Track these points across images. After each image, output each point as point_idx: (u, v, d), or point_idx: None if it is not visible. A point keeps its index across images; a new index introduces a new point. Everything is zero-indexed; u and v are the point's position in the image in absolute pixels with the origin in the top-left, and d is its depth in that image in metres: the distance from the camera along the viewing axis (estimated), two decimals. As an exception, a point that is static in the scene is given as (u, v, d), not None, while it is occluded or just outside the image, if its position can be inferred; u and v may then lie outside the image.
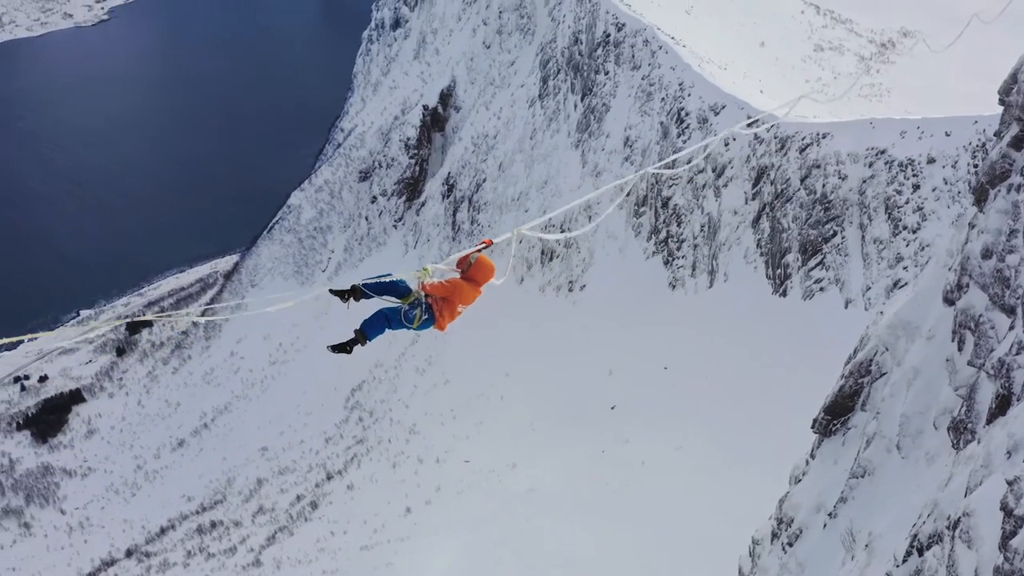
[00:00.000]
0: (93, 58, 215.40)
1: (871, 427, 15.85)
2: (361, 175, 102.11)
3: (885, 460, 15.13)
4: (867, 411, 16.90)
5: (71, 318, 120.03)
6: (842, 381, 17.79)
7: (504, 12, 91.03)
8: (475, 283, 12.41)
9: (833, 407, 17.90)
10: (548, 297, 65.99)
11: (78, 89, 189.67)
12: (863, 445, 15.92)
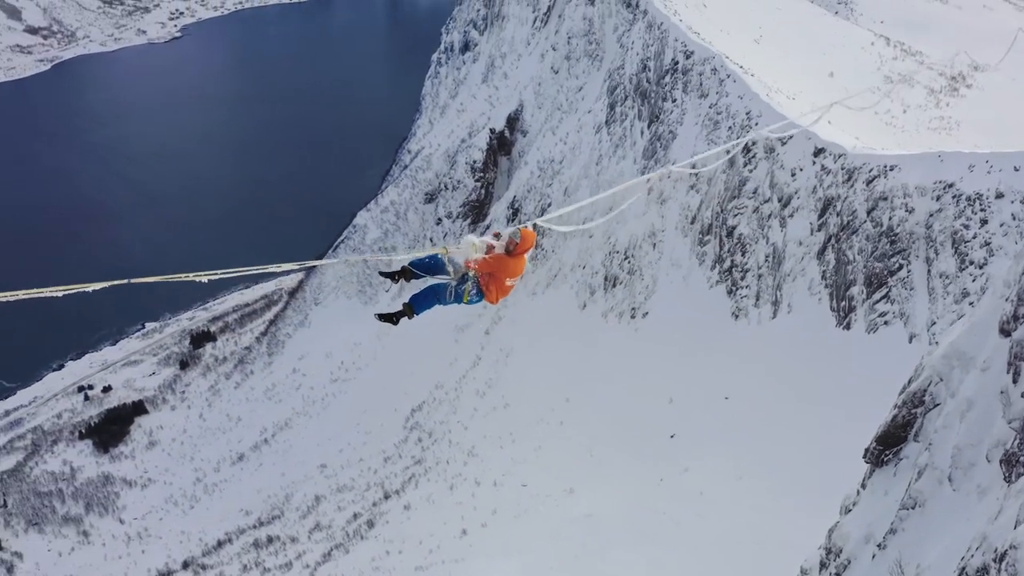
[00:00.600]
0: (165, 74, 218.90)
1: (923, 458, 15.69)
2: (427, 197, 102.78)
3: (936, 492, 14.97)
4: (919, 442, 16.73)
5: (136, 330, 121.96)
6: (895, 411, 17.63)
7: (573, 38, 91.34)
8: (519, 255, 12.60)
9: (885, 437, 17.73)
10: (610, 323, 65.84)
11: (150, 104, 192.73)
12: (914, 476, 15.76)
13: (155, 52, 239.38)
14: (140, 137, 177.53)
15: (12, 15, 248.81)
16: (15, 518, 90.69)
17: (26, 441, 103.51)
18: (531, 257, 48.35)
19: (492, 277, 12.71)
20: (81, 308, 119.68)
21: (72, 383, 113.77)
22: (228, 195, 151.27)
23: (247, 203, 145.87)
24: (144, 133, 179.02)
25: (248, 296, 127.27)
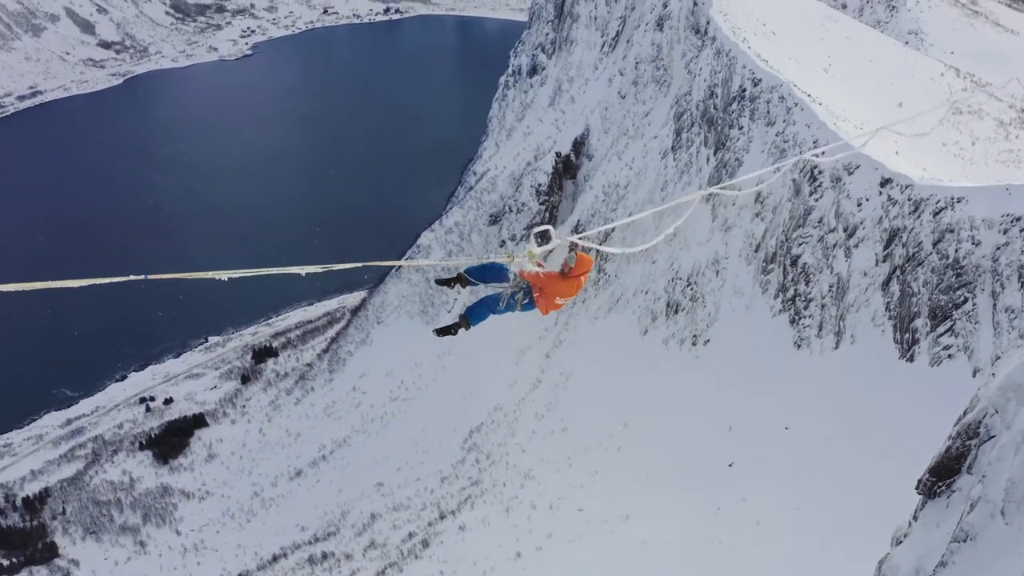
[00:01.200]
0: (235, 91, 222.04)
1: (976, 491, 15.48)
2: (491, 219, 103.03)
3: (988, 525, 14.76)
4: (973, 474, 16.50)
5: (199, 343, 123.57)
6: (949, 442, 17.41)
7: (641, 63, 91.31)
8: (574, 277, 12.70)
9: (938, 469, 17.51)
10: (671, 350, 65.57)
11: (220, 120, 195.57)
12: (967, 509, 15.55)
13: (226, 69, 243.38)
14: (209, 152, 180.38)
15: (86, 29, 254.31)
16: (73, 526, 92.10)
17: (87, 450, 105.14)
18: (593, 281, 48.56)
19: (543, 292, 12.84)
20: (146, 320, 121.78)
21: (134, 394, 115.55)
22: (293, 211, 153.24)
23: (311, 220, 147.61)
24: (213, 148, 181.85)
25: (311, 313, 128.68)
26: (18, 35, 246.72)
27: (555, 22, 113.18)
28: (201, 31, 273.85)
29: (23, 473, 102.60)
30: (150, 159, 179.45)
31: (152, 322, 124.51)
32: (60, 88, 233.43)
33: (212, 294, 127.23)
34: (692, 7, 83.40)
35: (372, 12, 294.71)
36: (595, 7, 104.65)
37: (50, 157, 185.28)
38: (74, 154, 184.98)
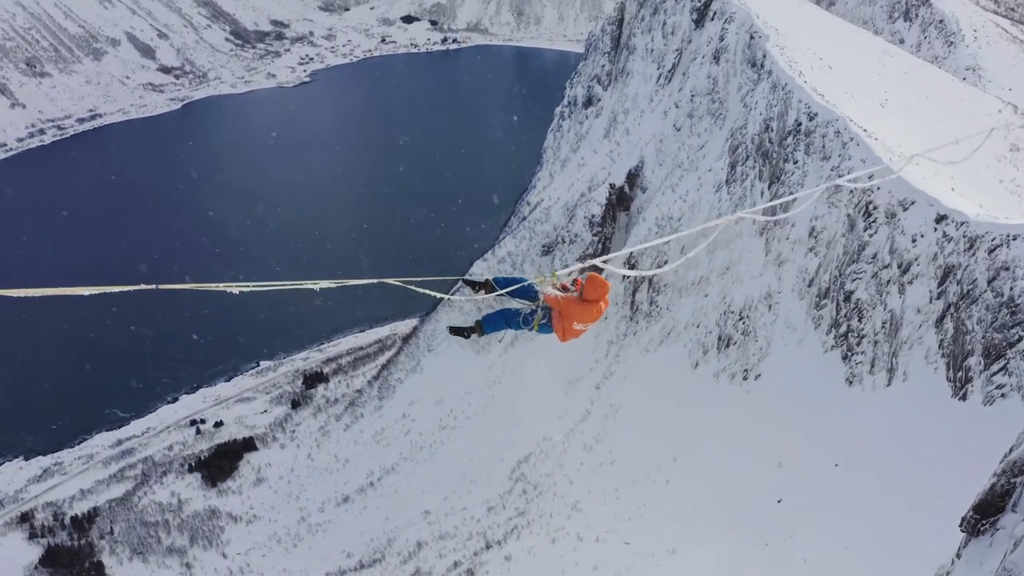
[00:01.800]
0: (293, 117, 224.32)
1: (1020, 529, 15.26)
2: (544, 249, 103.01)
3: (1031, 564, 14.55)
4: (1017, 512, 16.27)
5: (251, 367, 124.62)
6: (994, 479, 17.18)
7: (696, 96, 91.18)
8: (591, 302, 12.71)
9: (983, 506, 17.28)
10: (722, 384, 65.19)
11: (277, 145, 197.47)
12: (1010, 547, 15.32)
13: (284, 95, 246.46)
14: (265, 176, 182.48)
15: (147, 54, 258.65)
16: (120, 546, 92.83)
17: (136, 471, 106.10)
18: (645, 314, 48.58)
19: (561, 316, 12.90)
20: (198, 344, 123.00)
21: (185, 416, 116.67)
22: (347, 237, 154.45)
23: (365, 246, 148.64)
24: (269, 173, 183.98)
25: (362, 340, 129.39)
26: (79, 58, 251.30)
27: (611, 54, 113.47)
28: (260, 58, 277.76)
29: (72, 492, 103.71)
30: (206, 182, 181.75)
31: (205, 346, 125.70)
32: (119, 111, 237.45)
33: (265, 319, 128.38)
34: (749, 41, 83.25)
35: (430, 41, 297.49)
36: (652, 40, 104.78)
37: (107, 178, 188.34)
38: (131, 176, 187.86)
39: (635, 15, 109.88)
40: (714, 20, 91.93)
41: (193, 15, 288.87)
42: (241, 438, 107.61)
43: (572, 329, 13.14)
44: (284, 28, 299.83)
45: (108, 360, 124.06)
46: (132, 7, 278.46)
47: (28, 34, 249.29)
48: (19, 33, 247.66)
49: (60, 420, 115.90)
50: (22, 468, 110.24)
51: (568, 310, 12.81)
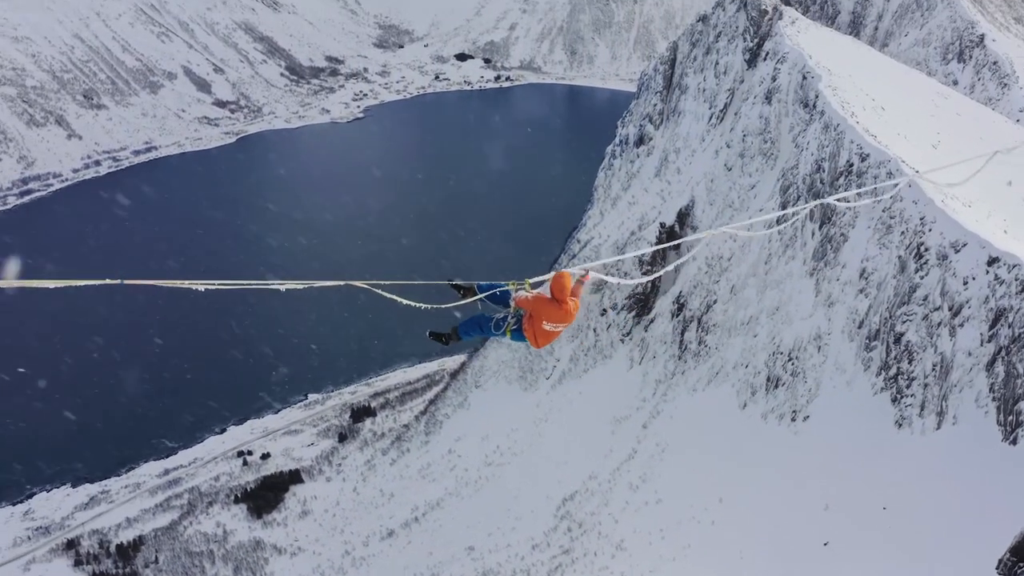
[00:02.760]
0: (346, 152, 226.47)
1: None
2: (593, 287, 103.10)
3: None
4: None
5: (299, 400, 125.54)
6: (1036, 526, 16.99)
7: (748, 136, 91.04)
8: (557, 300, 13.22)
9: (1019, 548, 17.08)
10: (770, 425, 64.70)
11: (329, 179, 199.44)
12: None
13: (337, 131, 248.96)
14: (317, 210, 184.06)
15: (202, 88, 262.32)
16: (165, 575, 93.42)
17: (182, 500, 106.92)
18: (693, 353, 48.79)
19: (531, 318, 13.35)
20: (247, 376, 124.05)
21: (232, 447, 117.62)
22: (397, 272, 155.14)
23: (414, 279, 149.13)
24: (322, 206, 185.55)
25: (411, 375, 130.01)
26: (136, 91, 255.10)
27: (663, 93, 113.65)
28: (314, 93, 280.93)
29: (118, 520, 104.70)
30: (259, 215, 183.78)
31: (254, 378, 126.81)
32: (174, 144, 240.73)
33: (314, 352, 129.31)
34: (801, 81, 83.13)
35: (483, 79, 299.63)
36: (704, 79, 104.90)
37: (162, 210, 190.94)
38: (185, 207, 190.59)
39: (687, 55, 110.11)
40: (767, 60, 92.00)
41: (249, 50, 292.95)
42: (287, 470, 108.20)
43: (543, 330, 13.63)
44: (339, 64, 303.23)
45: (158, 390, 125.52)
46: (189, 41, 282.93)
47: (86, 66, 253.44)
48: (77, 65, 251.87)
49: (108, 448, 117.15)
50: (69, 495, 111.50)
51: (538, 309, 13.33)
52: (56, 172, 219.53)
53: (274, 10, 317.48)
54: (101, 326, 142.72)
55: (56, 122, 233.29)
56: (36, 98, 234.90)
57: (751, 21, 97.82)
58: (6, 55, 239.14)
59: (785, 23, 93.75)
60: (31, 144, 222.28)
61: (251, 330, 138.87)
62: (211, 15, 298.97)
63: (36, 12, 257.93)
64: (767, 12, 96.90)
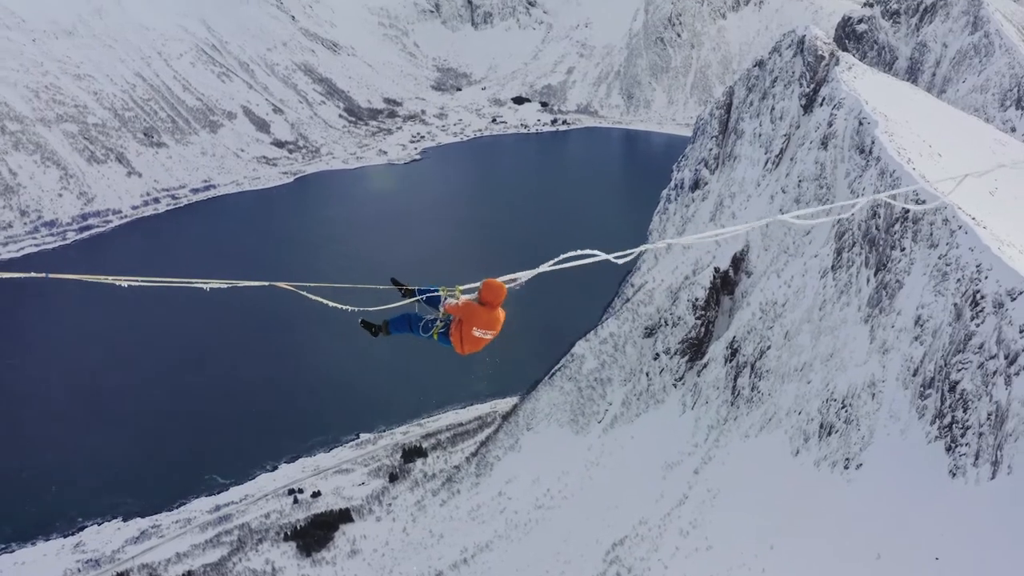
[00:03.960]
0: (402, 193, 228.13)
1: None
2: (646, 331, 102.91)
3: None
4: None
5: (351, 439, 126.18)
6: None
7: (804, 182, 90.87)
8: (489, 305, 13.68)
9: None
10: (823, 472, 64.05)
11: (385, 219, 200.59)
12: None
13: (394, 172, 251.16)
14: (374, 249, 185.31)
15: (261, 128, 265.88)
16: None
17: (232, 537, 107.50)
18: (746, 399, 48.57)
19: (460, 323, 13.80)
20: (300, 415, 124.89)
21: (283, 485, 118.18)
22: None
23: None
24: (378, 246, 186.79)
25: (462, 416, 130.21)
26: (196, 130, 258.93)
27: (719, 138, 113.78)
28: (372, 135, 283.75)
29: (168, 555, 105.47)
30: (318, 252, 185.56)
31: (306, 416, 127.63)
32: (232, 183, 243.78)
33: (367, 392, 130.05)
34: (857, 127, 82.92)
35: (540, 122, 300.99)
36: (760, 124, 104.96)
37: (219, 246, 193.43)
38: (241, 245, 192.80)
39: (744, 100, 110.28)
40: (823, 106, 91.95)
41: (308, 91, 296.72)
42: (338, 509, 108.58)
43: (471, 336, 14.10)
44: (397, 106, 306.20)
45: (211, 426, 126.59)
46: (249, 82, 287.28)
47: (147, 105, 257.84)
48: (138, 104, 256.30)
49: (160, 483, 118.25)
50: (120, 529, 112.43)
51: (468, 314, 13.79)
52: (116, 208, 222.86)
53: (334, 52, 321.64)
54: (157, 362, 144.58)
55: (117, 159, 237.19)
56: (97, 135, 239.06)
57: (808, 66, 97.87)
58: (68, 92, 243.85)
59: (842, 69, 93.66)
60: (91, 181, 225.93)
61: (305, 368, 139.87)
62: (271, 56, 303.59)
63: (99, 50, 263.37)
64: (824, 58, 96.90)
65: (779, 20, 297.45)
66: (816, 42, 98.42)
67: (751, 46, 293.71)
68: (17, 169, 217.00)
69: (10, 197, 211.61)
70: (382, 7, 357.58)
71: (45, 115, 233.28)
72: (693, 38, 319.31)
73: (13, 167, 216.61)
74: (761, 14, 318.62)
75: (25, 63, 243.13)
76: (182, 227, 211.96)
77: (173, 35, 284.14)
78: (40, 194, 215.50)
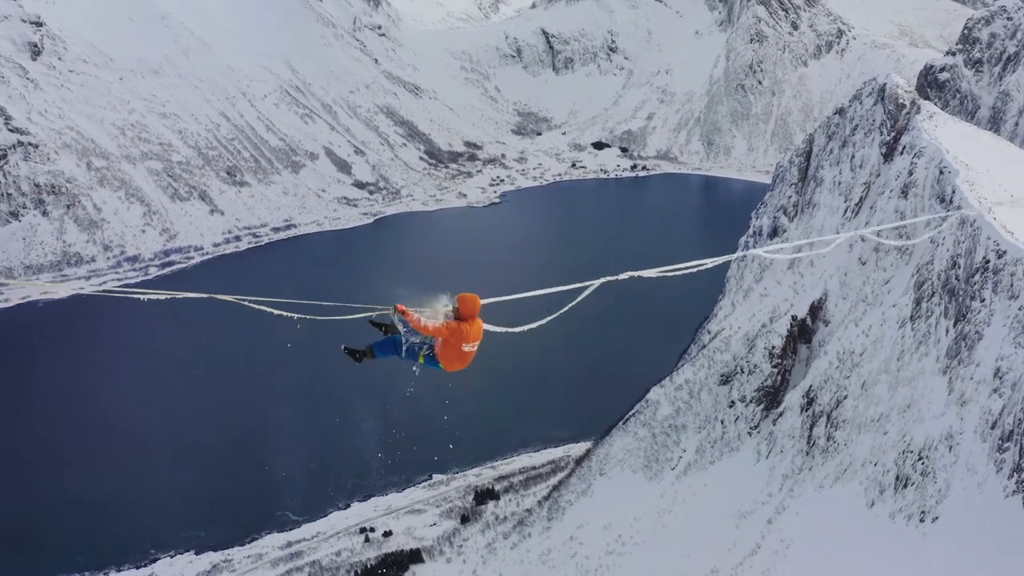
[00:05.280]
0: (481, 235, 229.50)
1: None
2: (722, 378, 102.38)
3: None
4: None
5: (424, 480, 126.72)
6: None
7: (883, 232, 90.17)
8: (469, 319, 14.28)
9: None
10: (897, 525, 63.13)
11: (464, 262, 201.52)
12: None
13: (473, 215, 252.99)
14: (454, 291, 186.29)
15: (343, 169, 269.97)
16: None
17: (303, 574, 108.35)
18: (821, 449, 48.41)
19: (447, 344, 14.32)
20: (373, 454, 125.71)
21: (355, 524, 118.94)
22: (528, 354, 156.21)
23: (542, 367, 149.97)
24: (458, 288, 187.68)
25: (536, 460, 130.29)
26: (278, 170, 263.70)
27: (798, 185, 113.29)
28: (452, 177, 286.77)
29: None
30: (392, 292, 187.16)
31: (381, 455, 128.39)
32: (313, 223, 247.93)
33: (441, 434, 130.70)
34: (938, 175, 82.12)
35: (619, 168, 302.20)
36: (839, 172, 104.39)
37: (298, 284, 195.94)
38: (320, 283, 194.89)
39: (824, 147, 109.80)
40: (903, 154, 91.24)
41: (390, 134, 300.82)
42: (408, 549, 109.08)
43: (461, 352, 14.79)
44: (477, 150, 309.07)
45: (285, 462, 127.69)
46: (332, 123, 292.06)
47: (231, 144, 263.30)
48: (222, 143, 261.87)
49: (233, 518, 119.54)
50: (192, 562, 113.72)
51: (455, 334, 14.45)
52: (197, 245, 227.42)
53: (416, 95, 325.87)
54: (237, 396, 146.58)
55: (199, 197, 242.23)
56: (181, 173, 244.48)
57: (888, 115, 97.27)
58: (154, 130, 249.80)
59: (923, 117, 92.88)
60: (174, 217, 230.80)
61: (383, 408, 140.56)
62: (354, 98, 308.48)
63: (184, 90, 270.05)
64: (905, 106, 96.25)
65: (861, 68, 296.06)
66: (897, 90, 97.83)
67: (832, 94, 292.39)
68: (102, 204, 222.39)
69: (94, 232, 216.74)
70: (464, 51, 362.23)
71: (130, 152, 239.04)
72: (774, 85, 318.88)
73: (98, 202, 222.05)
74: (843, 62, 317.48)
75: (112, 101, 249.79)
76: (261, 264, 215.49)
77: (258, 76, 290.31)
78: (124, 229, 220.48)
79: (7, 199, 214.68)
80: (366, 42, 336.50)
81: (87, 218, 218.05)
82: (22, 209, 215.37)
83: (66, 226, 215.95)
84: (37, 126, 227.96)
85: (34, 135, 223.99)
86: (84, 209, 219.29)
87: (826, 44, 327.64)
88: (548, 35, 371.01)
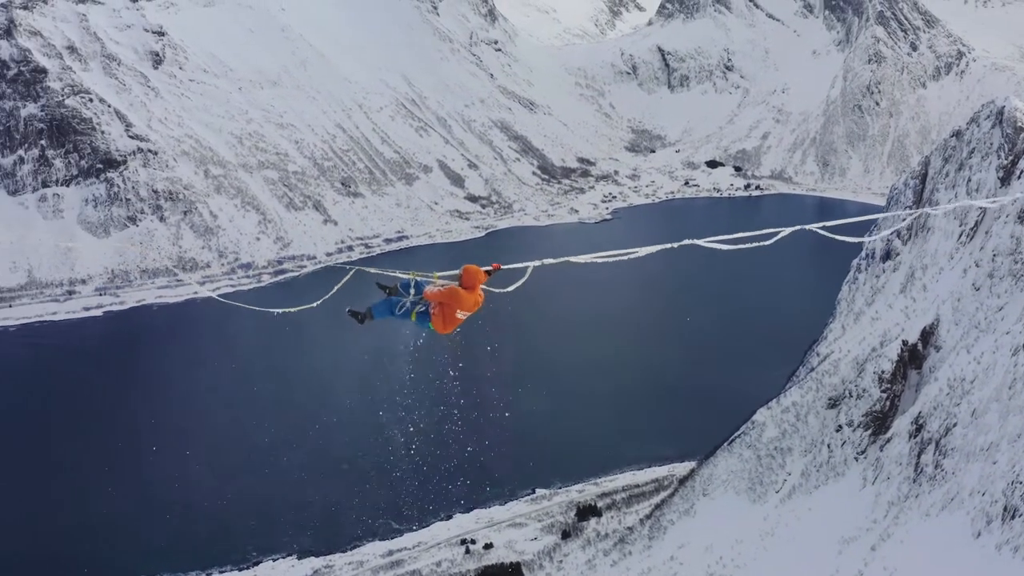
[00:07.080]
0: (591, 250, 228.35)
1: None
2: (830, 402, 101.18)
3: None
4: None
5: (527, 493, 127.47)
6: None
7: (998, 256, 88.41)
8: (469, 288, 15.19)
9: None
10: (1004, 557, 62.03)
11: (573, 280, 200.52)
12: None
13: (584, 230, 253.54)
14: (560, 308, 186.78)
15: (456, 182, 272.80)
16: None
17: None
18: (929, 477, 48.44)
19: (443, 306, 15.29)
20: (479, 466, 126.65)
21: (457, 535, 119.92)
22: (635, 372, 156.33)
23: (650, 388, 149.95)
24: (564, 306, 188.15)
25: (639, 478, 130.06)
26: (392, 182, 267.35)
27: (913, 208, 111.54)
28: (564, 193, 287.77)
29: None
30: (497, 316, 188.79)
31: (485, 468, 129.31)
32: (425, 235, 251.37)
33: (546, 448, 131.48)
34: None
35: (732, 187, 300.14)
36: (955, 195, 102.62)
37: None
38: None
39: (939, 170, 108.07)
40: (1021, 179, 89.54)
41: (504, 148, 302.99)
42: (509, 562, 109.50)
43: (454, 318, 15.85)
44: (590, 166, 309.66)
45: (390, 471, 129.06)
46: (446, 137, 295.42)
47: (346, 155, 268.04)
48: (337, 154, 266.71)
49: (337, 525, 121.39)
50: (294, 567, 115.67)
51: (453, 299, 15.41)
52: (310, 254, 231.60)
53: (530, 111, 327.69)
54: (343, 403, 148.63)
55: (314, 207, 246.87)
56: (296, 183, 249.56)
57: (1006, 138, 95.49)
58: (271, 140, 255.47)
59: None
60: (288, 226, 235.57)
61: (489, 421, 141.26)
62: (468, 112, 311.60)
63: (302, 101, 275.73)
64: (1023, 129, 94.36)
65: (980, 90, 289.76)
66: (1016, 113, 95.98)
67: (951, 116, 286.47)
68: (218, 212, 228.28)
69: (210, 238, 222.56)
70: (579, 67, 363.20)
71: (247, 161, 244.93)
72: (892, 107, 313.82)
73: (215, 209, 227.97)
74: (962, 84, 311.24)
75: (231, 110, 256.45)
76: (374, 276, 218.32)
77: (374, 89, 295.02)
78: (239, 237, 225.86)
79: (126, 204, 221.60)
80: (482, 57, 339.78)
81: (203, 224, 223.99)
82: (140, 214, 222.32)
83: (182, 232, 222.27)
84: (157, 133, 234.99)
85: (154, 142, 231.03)
86: (200, 216, 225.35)
87: (945, 66, 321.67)
88: (664, 52, 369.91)
